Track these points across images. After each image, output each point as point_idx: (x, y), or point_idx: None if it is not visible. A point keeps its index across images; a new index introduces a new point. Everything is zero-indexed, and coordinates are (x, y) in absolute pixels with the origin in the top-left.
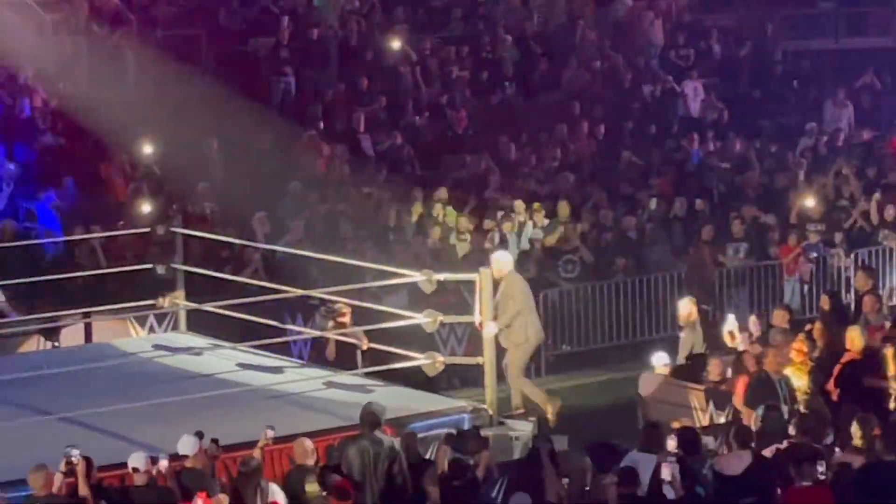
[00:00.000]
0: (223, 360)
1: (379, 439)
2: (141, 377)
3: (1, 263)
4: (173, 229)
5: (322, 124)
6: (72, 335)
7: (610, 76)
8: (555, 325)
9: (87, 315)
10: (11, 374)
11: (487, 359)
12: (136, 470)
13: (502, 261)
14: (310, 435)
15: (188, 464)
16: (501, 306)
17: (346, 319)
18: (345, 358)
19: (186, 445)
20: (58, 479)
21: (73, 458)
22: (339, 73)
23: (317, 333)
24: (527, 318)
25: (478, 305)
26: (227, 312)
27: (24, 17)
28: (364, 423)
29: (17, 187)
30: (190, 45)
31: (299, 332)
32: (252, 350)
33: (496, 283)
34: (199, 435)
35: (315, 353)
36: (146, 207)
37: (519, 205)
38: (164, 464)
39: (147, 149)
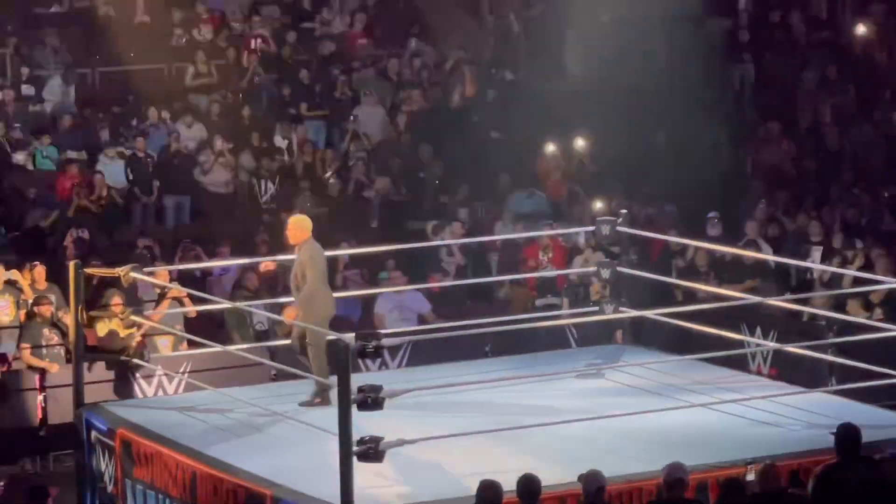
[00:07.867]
0: (676, 375)
1: (862, 467)
2: (586, 392)
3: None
4: (619, 229)
5: (783, 116)
6: None
7: None
8: None
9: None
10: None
11: None
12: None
13: (303, 225)
14: (781, 459)
15: None
16: (300, 277)
17: None
18: None
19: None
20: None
21: None
22: (803, 60)
23: (775, 346)
24: (324, 290)
25: None
26: (669, 321)
27: None
28: (842, 447)
29: None
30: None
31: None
32: (704, 363)
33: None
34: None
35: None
36: (597, 204)
37: None
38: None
39: (580, 142)
